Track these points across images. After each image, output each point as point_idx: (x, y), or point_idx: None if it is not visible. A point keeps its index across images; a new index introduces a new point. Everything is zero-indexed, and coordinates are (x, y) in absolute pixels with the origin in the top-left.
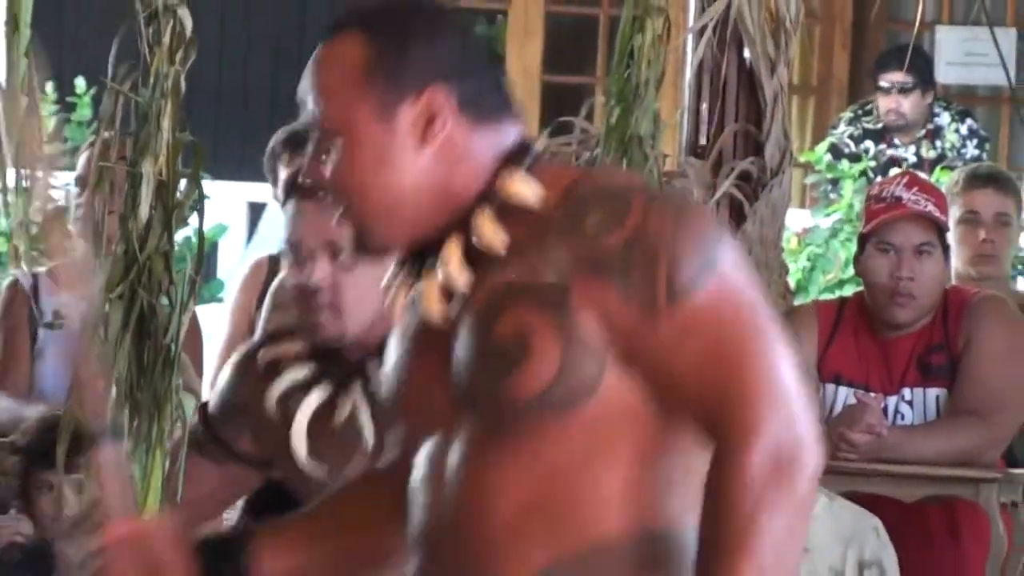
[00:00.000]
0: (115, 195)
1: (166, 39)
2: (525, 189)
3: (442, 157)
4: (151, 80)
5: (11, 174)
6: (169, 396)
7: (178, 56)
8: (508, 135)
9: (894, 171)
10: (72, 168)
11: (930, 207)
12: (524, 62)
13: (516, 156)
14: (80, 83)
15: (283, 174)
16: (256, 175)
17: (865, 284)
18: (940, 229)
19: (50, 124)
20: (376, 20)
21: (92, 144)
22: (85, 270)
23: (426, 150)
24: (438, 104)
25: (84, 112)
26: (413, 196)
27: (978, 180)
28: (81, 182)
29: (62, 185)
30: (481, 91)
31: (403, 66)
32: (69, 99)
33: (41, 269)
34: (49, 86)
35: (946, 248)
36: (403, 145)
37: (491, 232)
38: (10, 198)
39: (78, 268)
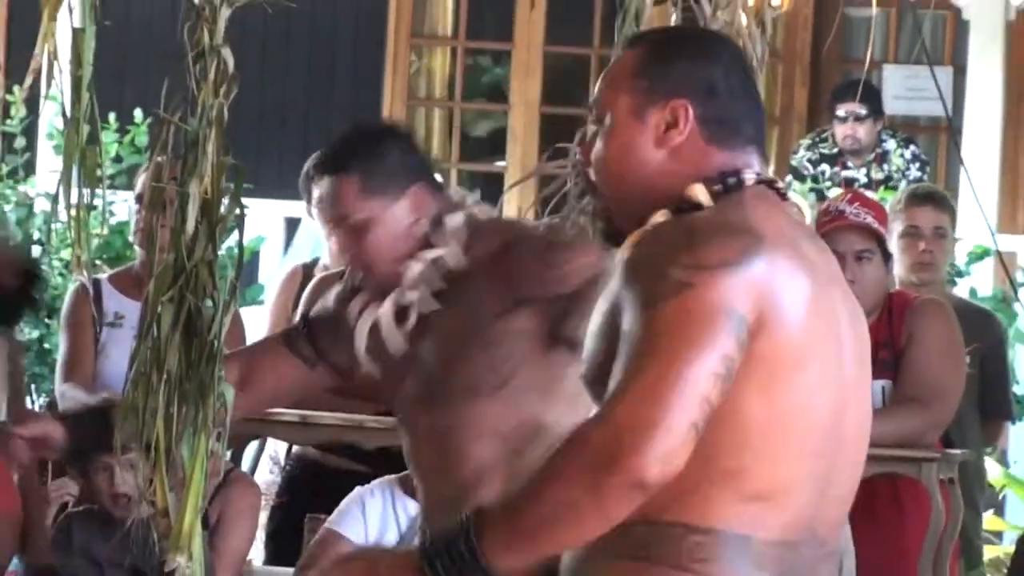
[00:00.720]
0: (167, 211)
1: (211, 75)
2: (697, 198)
3: (674, 160)
4: (198, 110)
5: (75, 193)
6: (213, 386)
7: (222, 90)
8: (736, 160)
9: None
10: (131, 187)
11: (869, 219)
12: (526, 96)
13: (717, 177)
14: (138, 114)
15: (316, 193)
16: (292, 193)
17: None
18: (879, 239)
19: (112, 149)
20: (659, 35)
21: (147, 168)
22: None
23: (662, 150)
24: (679, 114)
25: (141, 139)
26: (643, 187)
27: (918, 198)
28: (139, 200)
29: (123, 202)
30: (725, 116)
31: (662, 75)
32: (128, 127)
33: (102, 275)
34: (111, 116)
35: (887, 256)
36: (647, 140)
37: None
38: (73, 212)
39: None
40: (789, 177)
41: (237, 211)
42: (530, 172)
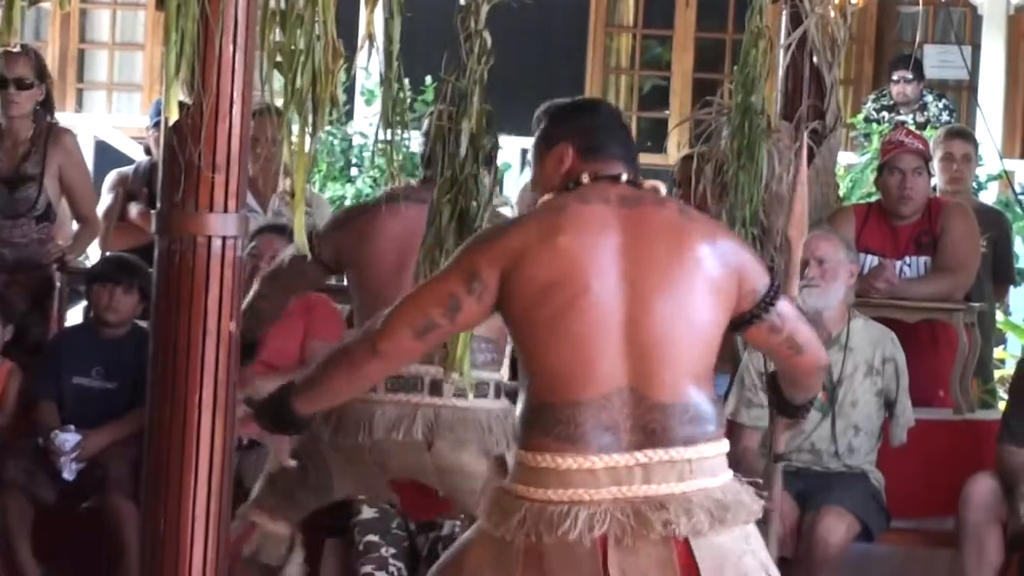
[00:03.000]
0: (448, 143)
1: (476, 50)
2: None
3: (564, 174)
4: (467, 74)
5: (386, 132)
6: None
7: (483, 60)
8: (598, 169)
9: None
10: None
11: (919, 146)
12: (682, 66)
13: (570, 180)
14: (427, 79)
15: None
16: (526, 131)
17: (883, 194)
18: (926, 160)
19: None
20: (553, 109)
21: (431, 114)
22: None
23: (560, 170)
24: (564, 151)
25: (428, 96)
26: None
27: (951, 134)
28: (426, 135)
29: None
30: (593, 145)
31: (552, 132)
32: (421, 88)
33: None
34: (406, 81)
35: (930, 173)
36: (554, 165)
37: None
38: (383, 145)
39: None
40: (862, 120)
41: (492, 143)
42: (686, 118)
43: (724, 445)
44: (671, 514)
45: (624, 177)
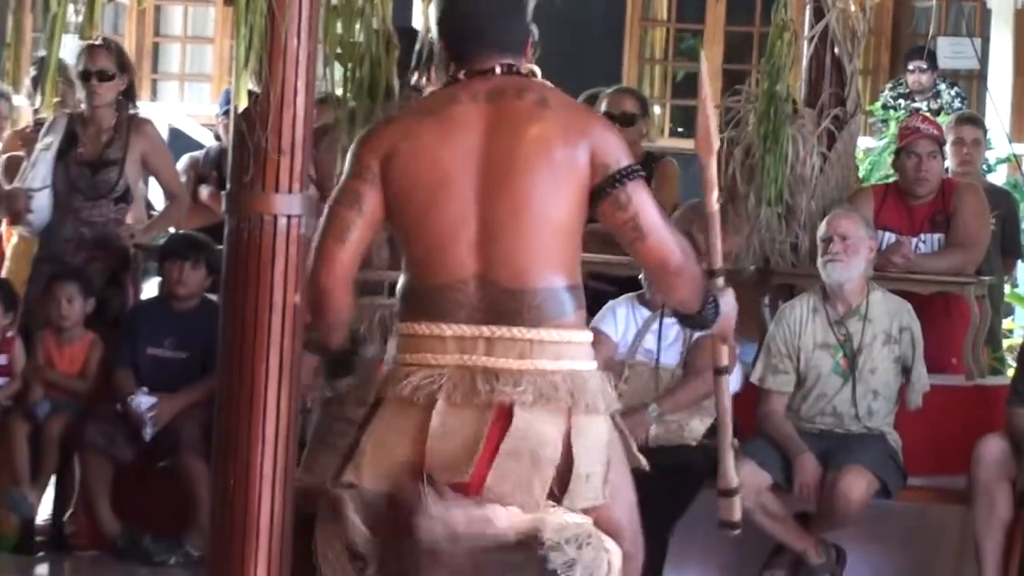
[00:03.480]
0: None
1: None
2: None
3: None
4: None
5: None
6: None
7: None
8: (476, 63)
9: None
10: None
11: (934, 131)
12: (713, 59)
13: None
14: None
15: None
16: None
17: (900, 176)
18: (940, 144)
19: None
20: None
21: None
22: None
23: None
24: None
25: None
26: None
27: (962, 120)
28: None
29: None
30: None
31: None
32: None
33: None
34: None
35: (944, 156)
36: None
37: None
38: None
39: None
40: (880, 107)
41: None
42: (716, 105)
43: (576, 334)
44: (499, 383)
45: (497, 70)
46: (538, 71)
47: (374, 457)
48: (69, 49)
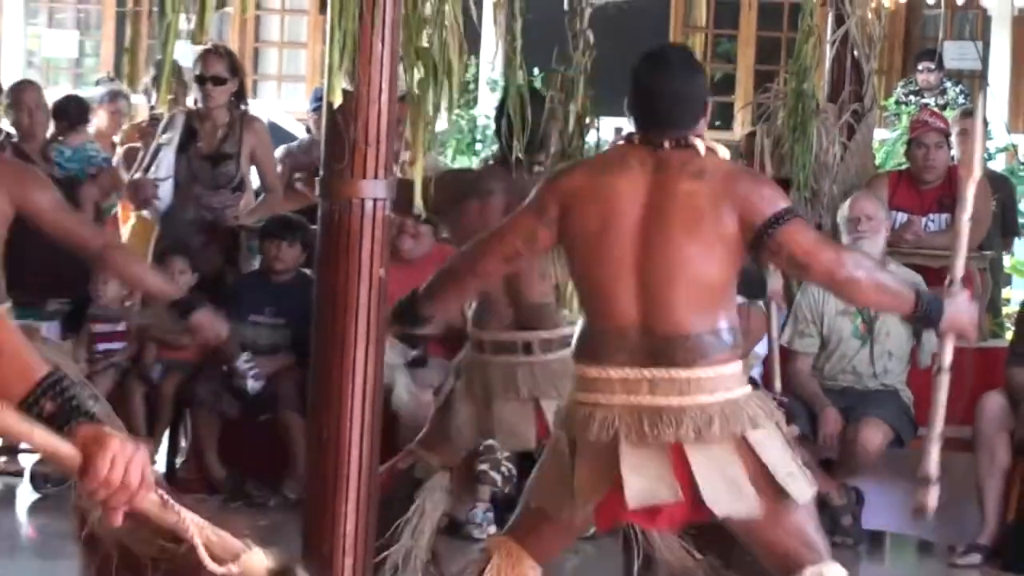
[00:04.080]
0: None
1: (580, 45)
2: None
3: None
4: (575, 64)
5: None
6: None
7: (587, 53)
8: (652, 136)
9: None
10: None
11: (941, 124)
12: (746, 61)
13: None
14: (535, 71)
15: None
16: (619, 112)
17: (911, 163)
18: (946, 136)
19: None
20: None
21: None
22: None
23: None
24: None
25: (537, 84)
26: None
27: (966, 114)
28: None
29: None
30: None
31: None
32: (531, 78)
33: None
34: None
35: (950, 146)
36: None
37: None
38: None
39: None
40: (894, 103)
41: (590, 118)
42: (749, 101)
43: (726, 368)
44: (662, 423)
45: (666, 145)
46: (701, 143)
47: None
48: (183, 53)
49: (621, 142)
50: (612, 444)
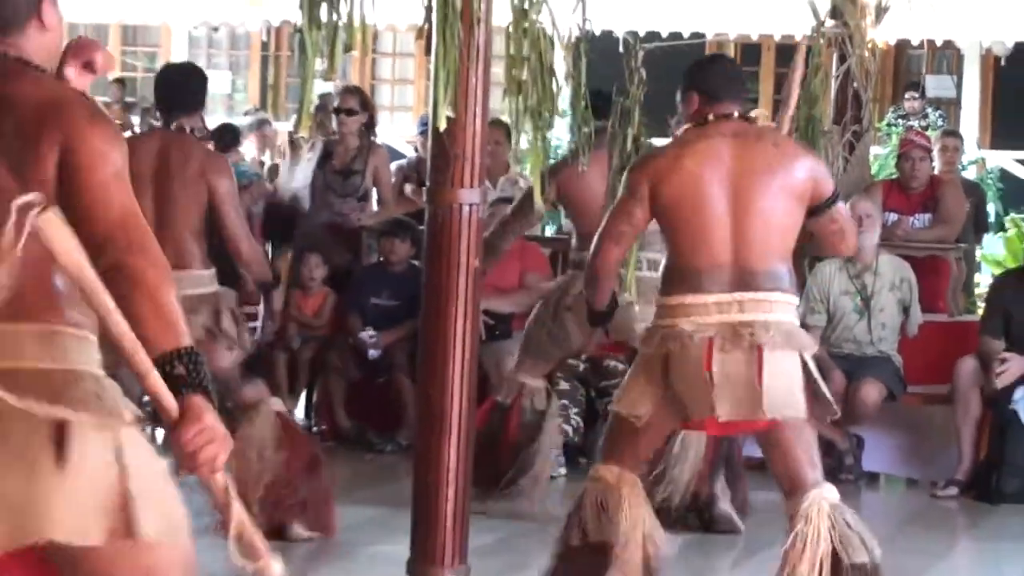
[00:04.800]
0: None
1: (635, 81)
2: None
3: (695, 115)
4: (630, 96)
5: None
6: None
7: (640, 87)
8: (721, 108)
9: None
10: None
11: (924, 142)
12: (767, 91)
13: (700, 117)
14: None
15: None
16: (665, 135)
17: (900, 174)
18: (928, 151)
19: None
20: (688, 68)
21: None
22: None
23: (690, 112)
24: (691, 97)
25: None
26: None
27: (946, 133)
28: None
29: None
30: (711, 93)
31: (685, 84)
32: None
33: None
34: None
35: (932, 160)
36: (687, 109)
37: None
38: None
39: None
40: (886, 125)
41: (644, 139)
42: (768, 125)
43: (792, 298)
44: (756, 331)
45: (736, 114)
46: (762, 115)
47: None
48: (324, 87)
49: (687, 125)
50: (702, 352)
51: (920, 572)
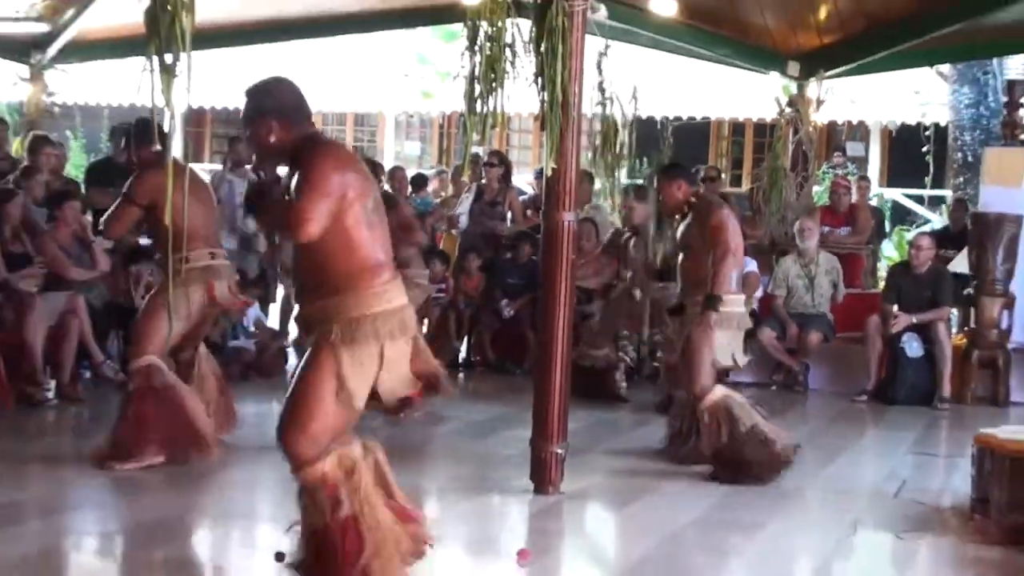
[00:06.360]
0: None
1: (663, 147)
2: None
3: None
4: (661, 153)
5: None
6: None
7: (666, 147)
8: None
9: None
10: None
11: (845, 184)
12: (748, 152)
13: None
14: (644, 161)
15: None
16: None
17: (831, 202)
18: (848, 189)
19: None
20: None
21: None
22: None
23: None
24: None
25: (645, 167)
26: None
27: (860, 178)
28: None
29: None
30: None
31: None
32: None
33: None
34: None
35: (851, 193)
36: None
37: None
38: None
39: None
40: (823, 173)
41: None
42: (750, 172)
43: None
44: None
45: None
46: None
47: None
48: (475, 150)
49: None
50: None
51: (842, 450)
